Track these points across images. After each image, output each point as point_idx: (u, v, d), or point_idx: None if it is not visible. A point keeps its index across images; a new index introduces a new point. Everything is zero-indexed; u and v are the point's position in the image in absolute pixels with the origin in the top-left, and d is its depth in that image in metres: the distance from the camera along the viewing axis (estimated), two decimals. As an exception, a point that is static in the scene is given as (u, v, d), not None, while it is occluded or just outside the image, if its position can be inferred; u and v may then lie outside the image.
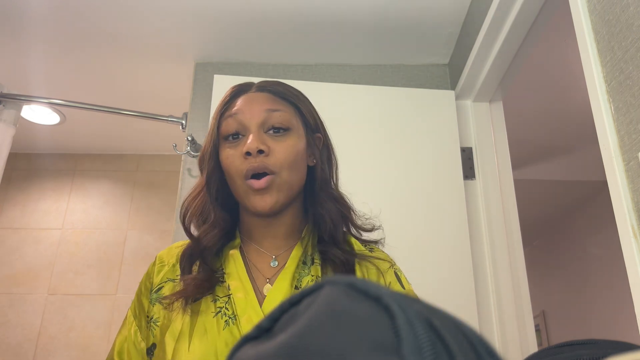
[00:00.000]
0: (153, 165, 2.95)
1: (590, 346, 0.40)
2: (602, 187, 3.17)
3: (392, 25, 1.93)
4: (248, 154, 0.76)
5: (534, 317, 1.76)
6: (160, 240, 2.75)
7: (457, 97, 1.93)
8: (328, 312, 0.25)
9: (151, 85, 2.31)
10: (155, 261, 0.85)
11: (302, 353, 0.23)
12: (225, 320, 0.73)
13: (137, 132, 2.75)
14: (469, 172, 1.85)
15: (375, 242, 0.88)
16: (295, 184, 0.80)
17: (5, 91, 1.89)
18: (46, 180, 2.89)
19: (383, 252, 0.89)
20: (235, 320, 0.73)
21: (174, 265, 0.82)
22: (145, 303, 0.80)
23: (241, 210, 0.85)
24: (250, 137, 0.77)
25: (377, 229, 0.87)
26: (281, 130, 0.80)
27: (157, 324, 0.77)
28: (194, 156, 1.92)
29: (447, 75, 2.10)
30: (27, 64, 2.17)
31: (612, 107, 0.93)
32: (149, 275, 0.83)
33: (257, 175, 0.76)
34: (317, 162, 0.85)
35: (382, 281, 0.83)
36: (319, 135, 0.87)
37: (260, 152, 0.76)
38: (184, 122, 2.01)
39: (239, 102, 0.82)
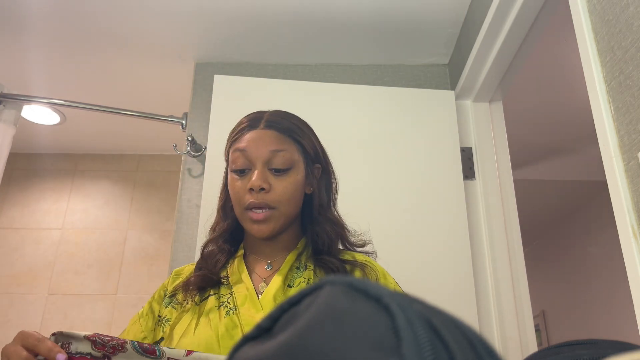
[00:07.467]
0: (153, 165, 2.94)
1: (590, 346, 0.40)
2: (602, 187, 3.17)
3: (392, 26, 1.93)
4: (251, 190, 0.86)
5: (534, 317, 1.76)
6: (161, 240, 2.74)
7: (457, 97, 1.93)
8: (328, 312, 0.25)
9: (151, 85, 2.31)
10: (171, 275, 0.97)
11: (302, 353, 0.23)
12: (227, 311, 0.83)
13: (137, 132, 2.75)
14: (469, 172, 1.85)
15: (370, 253, 0.97)
16: (291, 214, 0.91)
17: (5, 91, 1.89)
18: (46, 180, 2.89)
19: (375, 262, 0.98)
20: (236, 310, 0.83)
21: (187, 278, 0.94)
22: (156, 307, 0.92)
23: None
24: (255, 174, 0.87)
25: (368, 244, 0.98)
26: (281, 171, 0.89)
27: (169, 322, 0.87)
28: (194, 156, 1.92)
29: (447, 75, 2.10)
30: (27, 64, 2.17)
31: (612, 107, 0.93)
32: (164, 286, 0.95)
33: (258, 208, 0.87)
34: (315, 190, 0.95)
35: (383, 281, 0.92)
36: (318, 165, 0.97)
37: (262, 189, 0.86)
38: (184, 122, 2.01)
39: (247, 138, 0.91)
